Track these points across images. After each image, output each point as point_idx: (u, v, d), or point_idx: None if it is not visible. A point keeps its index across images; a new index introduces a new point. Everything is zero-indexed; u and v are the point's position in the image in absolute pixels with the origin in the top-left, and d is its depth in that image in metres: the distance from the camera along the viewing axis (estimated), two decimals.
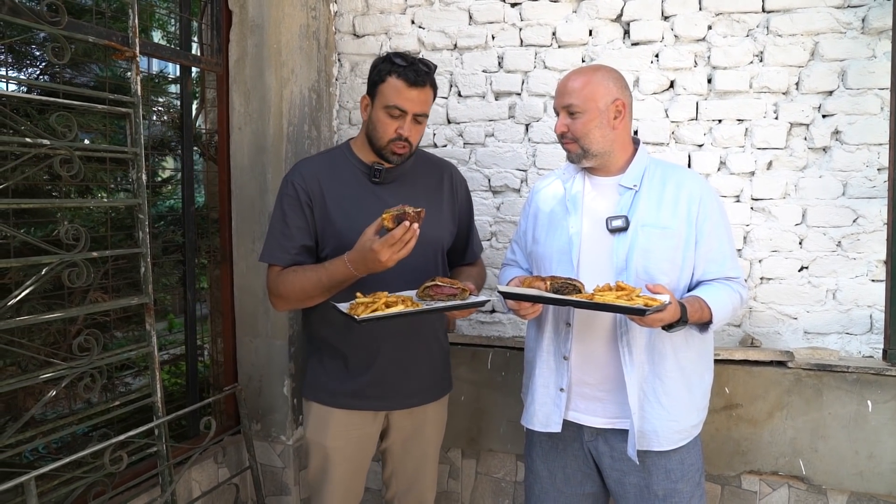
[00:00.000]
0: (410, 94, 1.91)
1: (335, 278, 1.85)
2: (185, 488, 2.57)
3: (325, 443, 2.07)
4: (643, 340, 1.79)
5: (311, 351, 2.17)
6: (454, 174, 2.22)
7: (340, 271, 1.82)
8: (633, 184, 1.85)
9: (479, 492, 2.89)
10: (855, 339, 2.54)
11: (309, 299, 1.95)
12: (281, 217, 2.00)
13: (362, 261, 1.75)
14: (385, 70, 1.93)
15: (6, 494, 1.87)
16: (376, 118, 1.95)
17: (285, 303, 2.00)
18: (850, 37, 2.45)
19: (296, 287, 1.93)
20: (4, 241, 2.24)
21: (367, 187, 2.01)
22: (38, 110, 2.29)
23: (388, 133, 1.94)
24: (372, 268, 1.75)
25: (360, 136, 2.06)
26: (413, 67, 1.91)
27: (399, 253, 1.69)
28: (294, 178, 2.01)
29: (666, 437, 1.79)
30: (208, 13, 2.82)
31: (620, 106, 1.84)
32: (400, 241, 1.68)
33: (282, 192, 2.03)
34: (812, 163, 2.54)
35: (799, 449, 2.47)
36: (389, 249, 1.68)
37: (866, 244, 2.50)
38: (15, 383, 1.92)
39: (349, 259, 1.79)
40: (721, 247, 1.84)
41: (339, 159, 2.07)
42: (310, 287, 1.90)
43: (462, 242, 2.24)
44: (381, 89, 1.93)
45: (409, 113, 1.92)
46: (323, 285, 1.88)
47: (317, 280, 1.88)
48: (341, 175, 2.02)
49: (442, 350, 2.20)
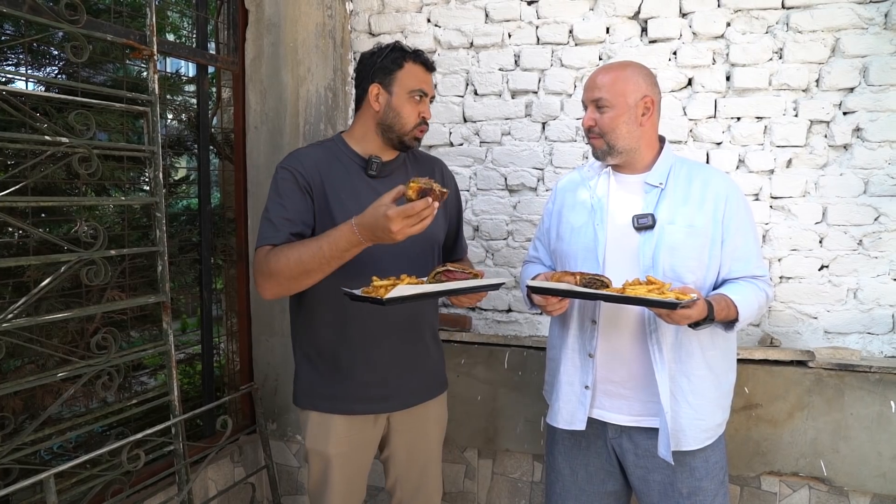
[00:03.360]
0: (428, 78, 2.00)
1: (338, 245, 1.68)
2: (202, 487, 2.57)
3: (327, 450, 1.99)
4: (671, 338, 1.77)
5: (301, 357, 2.05)
6: (444, 170, 2.21)
7: (345, 237, 1.67)
8: (660, 182, 1.83)
9: (496, 492, 2.87)
10: (877, 338, 2.51)
11: (304, 275, 1.75)
12: (276, 200, 1.89)
13: (371, 227, 1.61)
14: (401, 57, 1.95)
15: (25, 492, 1.87)
16: (398, 105, 1.94)
17: (274, 283, 1.80)
18: (872, 32, 2.42)
19: (290, 260, 1.74)
20: (23, 238, 2.25)
21: (364, 180, 1.97)
22: (56, 109, 2.30)
23: (414, 117, 1.96)
24: (380, 236, 1.61)
25: (358, 128, 2.02)
26: (422, 54, 2.00)
27: (413, 228, 1.58)
28: (293, 164, 1.92)
29: (693, 437, 1.78)
30: (225, 12, 2.83)
31: (649, 103, 1.82)
32: (417, 216, 1.56)
33: (277, 178, 1.92)
34: (833, 160, 2.51)
35: (820, 450, 2.44)
36: (404, 221, 1.56)
37: (888, 243, 2.47)
38: (34, 381, 1.93)
39: (357, 223, 1.65)
40: (747, 245, 1.82)
41: (334, 151, 2.01)
42: (307, 257, 1.72)
43: (452, 238, 2.23)
44: (400, 76, 1.94)
45: (429, 95, 1.99)
46: (323, 254, 1.71)
47: (316, 249, 1.72)
48: (338, 167, 1.97)
49: (437, 347, 2.16)
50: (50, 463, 2.33)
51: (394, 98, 1.94)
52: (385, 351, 1.98)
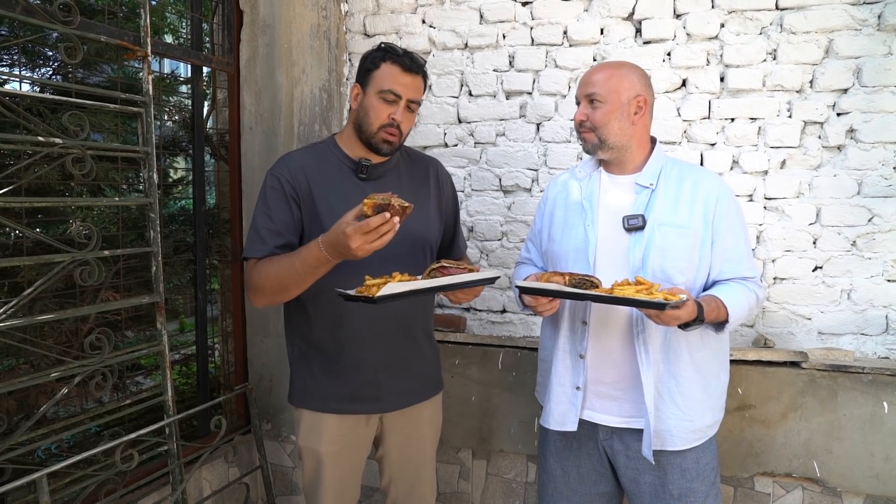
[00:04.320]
0: (405, 80, 1.89)
1: (307, 262, 1.73)
2: (196, 487, 2.57)
3: (319, 449, 2.01)
4: (659, 339, 1.78)
5: (296, 356, 2.08)
6: (440, 170, 2.18)
7: (313, 255, 1.71)
8: (650, 182, 1.84)
9: (490, 492, 2.87)
10: (870, 339, 2.51)
11: (284, 290, 1.83)
12: (263, 210, 1.92)
13: (334, 244, 1.64)
14: (379, 57, 1.91)
15: (19, 491, 1.87)
16: (368, 104, 1.91)
17: (262, 296, 1.88)
18: (866, 34, 2.43)
19: (270, 275, 1.81)
20: (17, 239, 2.25)
21: (354, 183, 1.96)
22: (50, 109, 2.30)
23: (381, 118, 1.89)
24: (343, 253, 1.64)
25: (347, 130, 2.02)
26: (408, 56, 1.91)
27: (372, 244, 1.58)
28: (280, 171, 1.94)
29: (681, 437, 1.78)
30: (219, 13, 2.83)
31: (642, 102, 1.83)
32: (375, 232, 1.56)
33: (266, 185, 1.95)
34: (826, 161, 2.52)
35: (813, 450, 2.44)
36: (362, 238, 1.57)
37: (882, 244, 2.47)
38: (27, 381, 1.93)
39: (322, 240, 1.68)
40: (737, 246, 1.82)
41: (324, 153, 2.01)
42: (283, 274, 1.79)
43: (448, 238, 2.21)
44: (375, 75, 1.90)
45: (403, 98, 1.89)
46: (296, 271, 1.76)
47: (289, 265, 1.77)
48: (327, 170, 1.97)
49: (432, 348, 2.16)
50: (44, 463, 2.34)
51: (366, 98, 1.93)
52: (376, 353, 1.98)
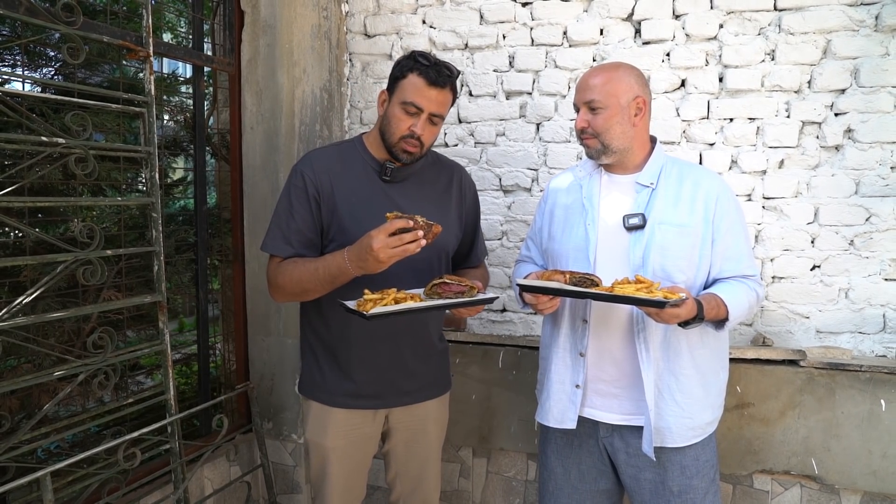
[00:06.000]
0: (429, 93, 1.88)
1: (330, 271, 1.80)
2: (198, 486, 2.58)
3: (325, 443, 2.04)
4: (659, 337, 1.79)
5: (307, 349, 2.12)
6: (463, 177, 2.19)
7: (336, 264, 1.78)
8: (650, 181, 1.85)
9: (490, 491, 2.89)
10: (868, 338, 2.53)
11: (305, 292, 1.91)
12: (287, 208, 1.96)
13: (358, 256, 1.71)
14: (407, 67, 1.90)
15: (22, 490, 1.89)
16: (391, 113, 1.92)
17: (283, 294, 1.96)
18: (864, 34, 2.44)
19: (293, 278, 1.88)
20: (20, 238, 2.26)
21: (377, 184, 1.99)
22: (53, 109, 2.31)
23: (401, 129, 1.90)
24: (366, 266, 1.70)
25: (374, 132, 2.04)
26: (436, 68, 1.88)
27: (394, 249, 1.65)
28: (304, 168, 1.97)
29: (680, 434, 1.79)
30: (221, 13, 2.84)
31: (641, 103, 1.84)
32: (398, 238, 1.63)
33: (290, 181, 1.99)
34: (824, 161, 2.53)
35: (811, 448, 2.46)
36: (386, 240, 1.64)
37: (879, 243, 2.49)
38: (31, 380, 1.94)
39: (348, 253, 1.75)
40: (737, 245, 1.84)
41: (350, 153, 2.03)
42: (306, 279, 1.86)
43: (467, 245, 2.22)
44: (401, 85, 1.91)
45: (425, 111, 1.89)
46: (319, 278, 1.83)
47: (313, 271, 1.84)
48: (352, 170, 1.99)
49: (439, 349, 2.18)
50: (47, 462, 2.34)
51: (390, 106, 1.94)
52: (383, 352, 2.01)
